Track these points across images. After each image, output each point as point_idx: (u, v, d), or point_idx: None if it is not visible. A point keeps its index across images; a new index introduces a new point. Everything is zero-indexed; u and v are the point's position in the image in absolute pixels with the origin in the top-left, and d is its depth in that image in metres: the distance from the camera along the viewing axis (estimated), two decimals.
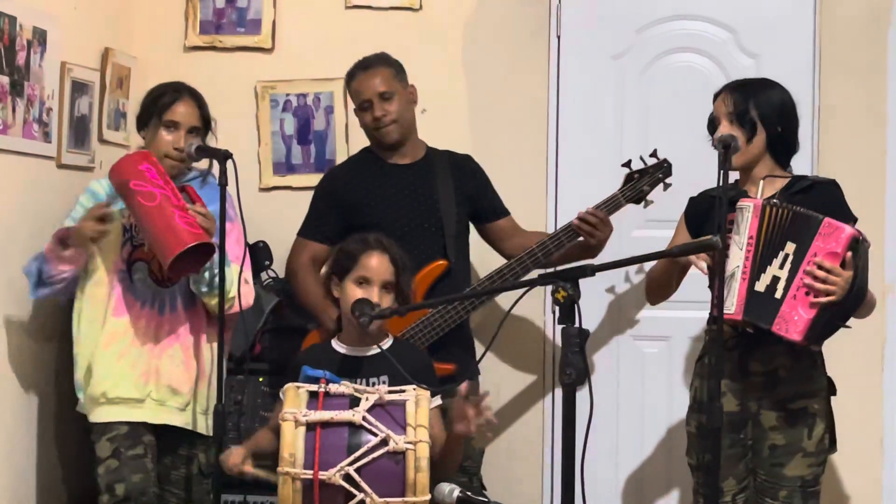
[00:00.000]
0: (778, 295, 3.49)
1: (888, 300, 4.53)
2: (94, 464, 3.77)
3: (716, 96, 3.76)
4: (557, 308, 2.85)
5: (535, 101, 4.71)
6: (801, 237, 3.49)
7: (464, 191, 4.19)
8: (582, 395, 2.81)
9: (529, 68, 4.71)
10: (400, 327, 3.92)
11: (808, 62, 4.58)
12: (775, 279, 3.50)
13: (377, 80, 4.10)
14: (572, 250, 4.06)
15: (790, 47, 4.60)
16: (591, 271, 2.92)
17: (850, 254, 3.43)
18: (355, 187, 4.14)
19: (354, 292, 3.39)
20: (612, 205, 4.05)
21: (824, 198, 3.63)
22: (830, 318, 3.48)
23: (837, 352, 3.91)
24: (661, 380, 4.65)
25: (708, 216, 3.70)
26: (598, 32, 4.70)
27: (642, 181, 4.07)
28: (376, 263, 3.43)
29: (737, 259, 3.53)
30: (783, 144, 3.69)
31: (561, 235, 4.04)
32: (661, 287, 3.90)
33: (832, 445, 3.69)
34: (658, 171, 4.08)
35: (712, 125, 3.73)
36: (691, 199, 3.90)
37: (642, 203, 4.08)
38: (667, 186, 4.09)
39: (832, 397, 3.72)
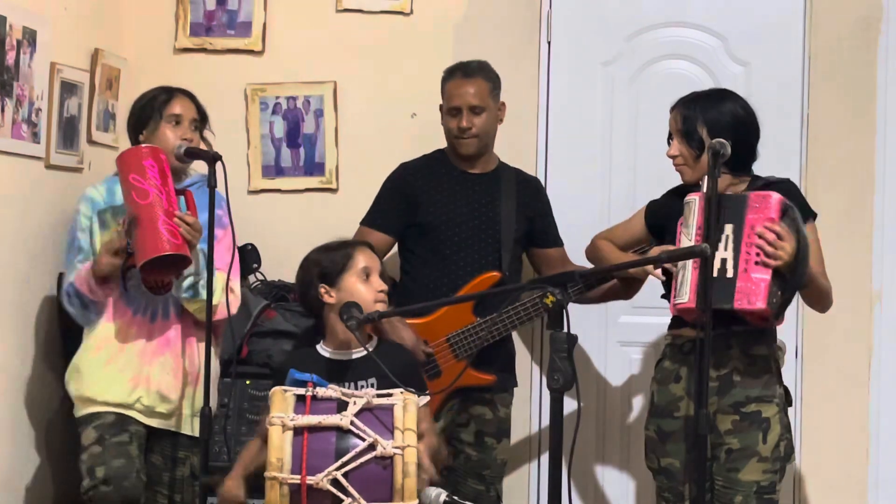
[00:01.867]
0: (729, 274, 3.50)
1: (875, 308, 4.54)
2: (79, 453, 3.75)
3: (671, 109, 3.76)
4: (546, 313, 2.85)
5: (524, 106, 4.70)
6: (735, 216, 3.51)
7: (525, 210, 4.22)
8: (569, 400, 2.82)
9: (519, 74, 4.71)
10: (444, 333, 4.01)
11: (798, 70, 4.59)
12: (723, 261, 3.52)
13: (473, 90, 4.13)
14: (610, 290, 4.10)
15: (780, 55, 4.61)
16: (578, 277, 2.93)
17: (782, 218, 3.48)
18: (422, 185, 4.18)
19: (357, 286, 3.41)
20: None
21: (781, 194, 3.61)
22: (785, 282, 3.50)
23: (825, 359, 3.93)
24: (647, 385, 4.64)
25: (668, 220, 3.73)
26: (588, 39, 4.71)
27: None
28: (369, 255, 3.48)
29: None
30: (735, 158, 3.62)
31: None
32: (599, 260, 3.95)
33: (789, 455, 3.69)
34: None
35: (670, 138, 3.76)
36: (653, 200, 3.92)
37: None
38: None
39: (789, 408, 3.73)
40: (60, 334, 4.12)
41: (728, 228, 3.52)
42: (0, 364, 3.90)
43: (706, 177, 3.58)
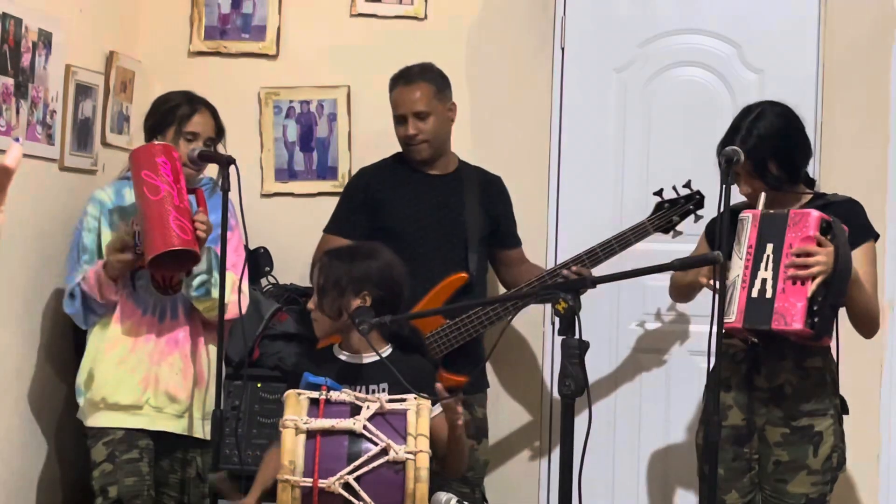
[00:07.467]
0: (769, 295, 3.47)
1: (889, 317, 4.52)
2: (91, 468, 3.78)
3: (722, 153, 3.55)
4: (558, 319, 2.85)
5: (537, 111, 4.71)
6: (775, 235, 3.48)
7: (488, 210, 4.20)
8: (580, 407, 2.82)
9: (533, 79, 4.71)
10: None
11: (812, 77, 4.58)
12: (763, 282, 3.50)
13: (416, 95, 4.10)
14: None
15: (794, 62, 4.60)
16: (591, 283, 2.92)
17: (820, 235, 3.40)
18: (383, 189, 4.17)
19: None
20: (639, 232, 4.04)
21: (840, 215, 3.56)
22: (825, 300, 3.43)
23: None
24: (659, 393, 4.65)
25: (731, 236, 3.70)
26: (601, 45, 4.71)
27: (672, 211, 4.05)
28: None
29: (737, 269, 3.52)
30: (794, 169, 3.64)
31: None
32: (681, 294, 3.99)
33: (841, 465, 3.65)
34: (689, 203, 4.06)
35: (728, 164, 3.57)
36: (713, 219, 3.90)
37: (671, 233, 4.07)
38: (697, 218, 4.06)
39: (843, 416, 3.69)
40: (72, 335, 4.12)
41: (769, 248, 3.48)
42: (11, 365, 3.91)
43: (763, 194, 3.56)
